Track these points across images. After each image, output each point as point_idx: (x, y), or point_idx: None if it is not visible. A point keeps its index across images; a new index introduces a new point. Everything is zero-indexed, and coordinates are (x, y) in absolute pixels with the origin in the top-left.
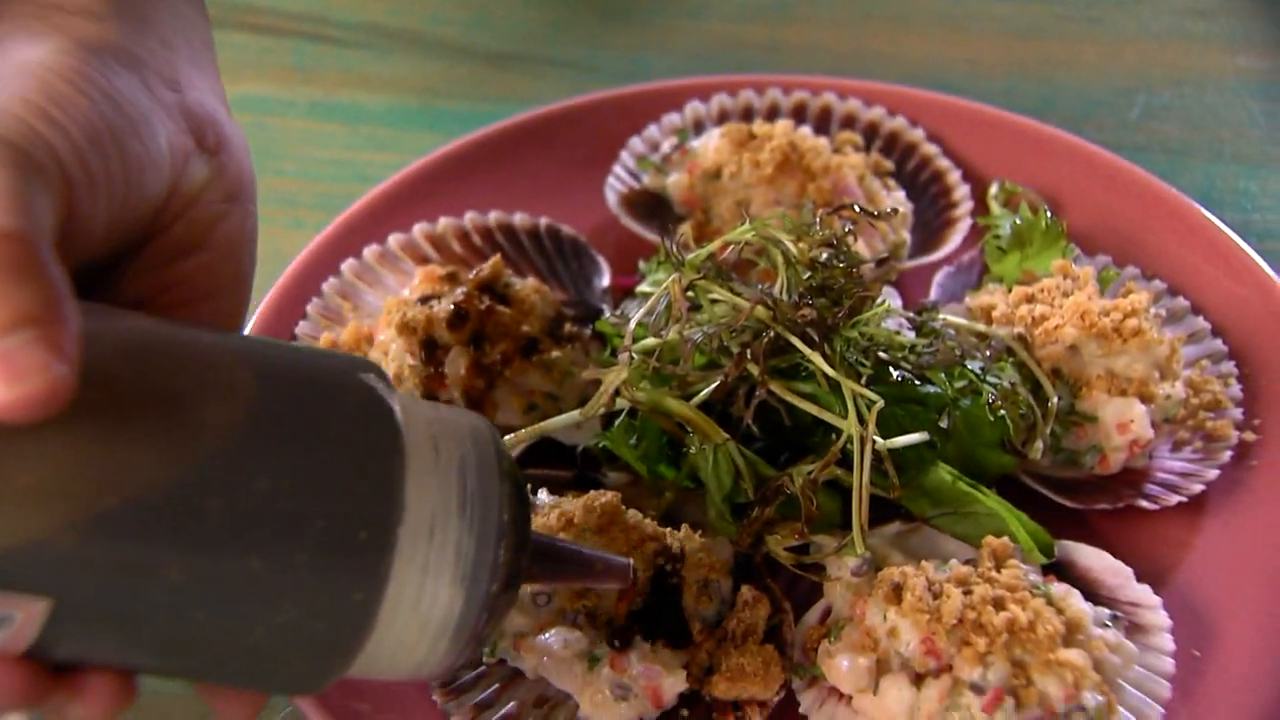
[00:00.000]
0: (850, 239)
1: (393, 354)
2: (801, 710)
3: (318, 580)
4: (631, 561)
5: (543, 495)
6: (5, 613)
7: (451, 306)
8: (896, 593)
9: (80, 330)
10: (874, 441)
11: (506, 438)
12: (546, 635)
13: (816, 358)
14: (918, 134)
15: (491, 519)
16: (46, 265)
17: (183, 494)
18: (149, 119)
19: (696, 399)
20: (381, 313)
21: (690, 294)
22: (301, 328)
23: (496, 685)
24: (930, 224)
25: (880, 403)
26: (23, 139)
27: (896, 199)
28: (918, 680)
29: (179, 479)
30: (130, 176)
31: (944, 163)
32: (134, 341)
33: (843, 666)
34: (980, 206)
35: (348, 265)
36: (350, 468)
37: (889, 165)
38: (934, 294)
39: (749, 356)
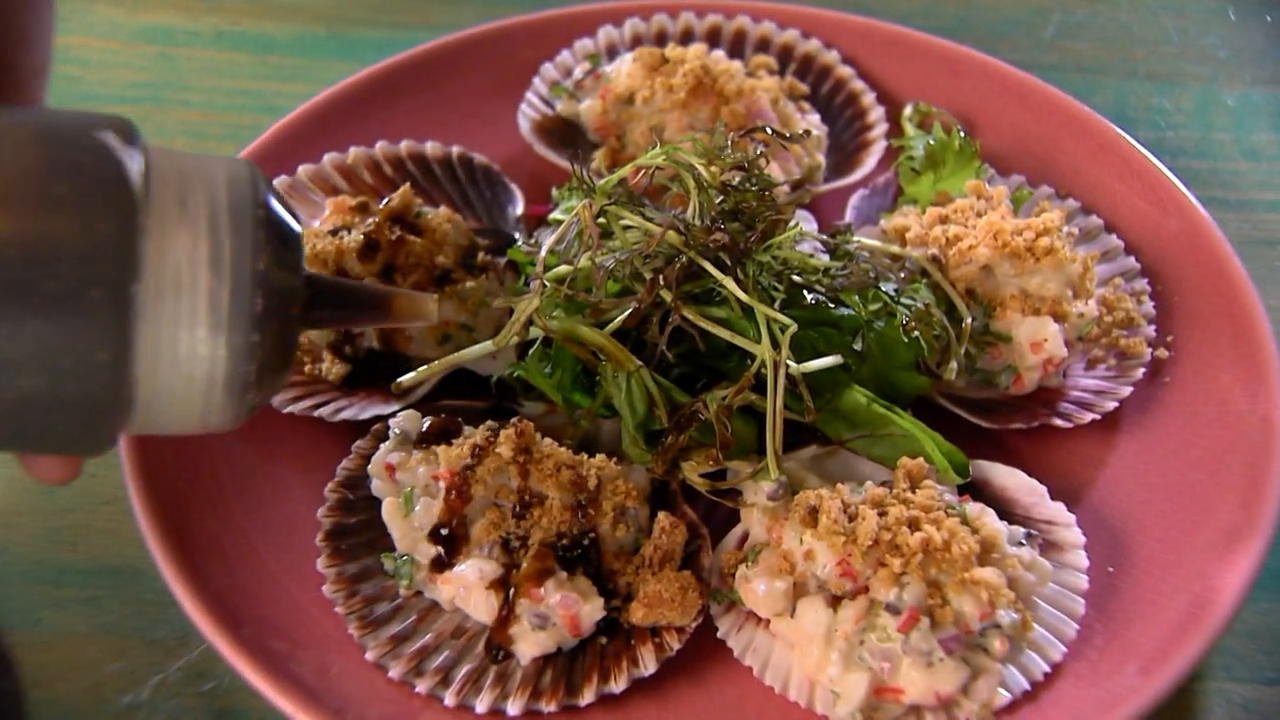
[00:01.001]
0: (763, 162)
1: None
2: (719, 635)
3: (56, 342)
4: (436, 296)
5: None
6: None
7: (362, 237)
8: (812, 516)
9: None
10: (787, 366)
11: (421, 369)
12: (461, 566)
13: (729, 282)
14: (832, 56)
15: (245, 267)
16: None
17: None
18: None
19: (610, 326)
20: None
21: (602, 220)
22: None
23: (414, 617)
24: (845, 147)
25: (794, 327)
26: None
27: (811, 122)
28: (834, 602)
29: None
30: None
31: (859, 85)
32: None
33: (759, 590)
34: (895, 128)
35: None
36: (76, 228)
37: (804, 89)
38: (849, 217)
39: (662, 282)
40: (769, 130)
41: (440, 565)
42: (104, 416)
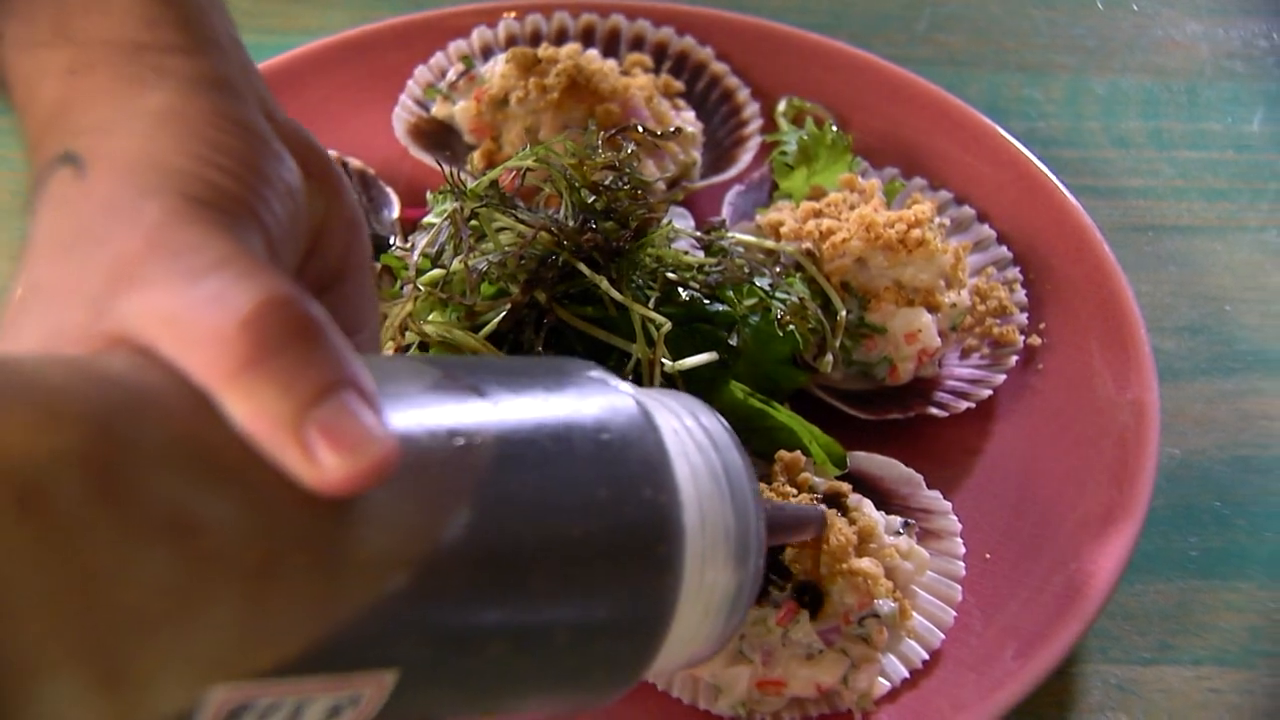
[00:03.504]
0: (635, 161)
1: None
2: None
3: (631, 603)
4: (824, 509)
5: None
6: (355, 691)
7: None
8: None
9: (375, 389)
10: (662, 364)
11: None
12: None
13: (602, 281)
14: (706, 52)
15: (742, 489)
16: (323, 325)
17: (501, 548)
18: (280, 151)
19: (485, 330)
20: None
21: (474, 223)
22: None
23: None
24: (721, 143)
25: (667, 325)
26: (216, 197)
27: (685, 119)
28: None
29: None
30: (290, 213)
31: (733, 81)
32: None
33: None
34: (770, 124)
35: None
36: (638, 481)
37: (679, 85)
38: (725, 213)
39: (536, 284)
40: (640, 128)
41: None
42: (640, 669)
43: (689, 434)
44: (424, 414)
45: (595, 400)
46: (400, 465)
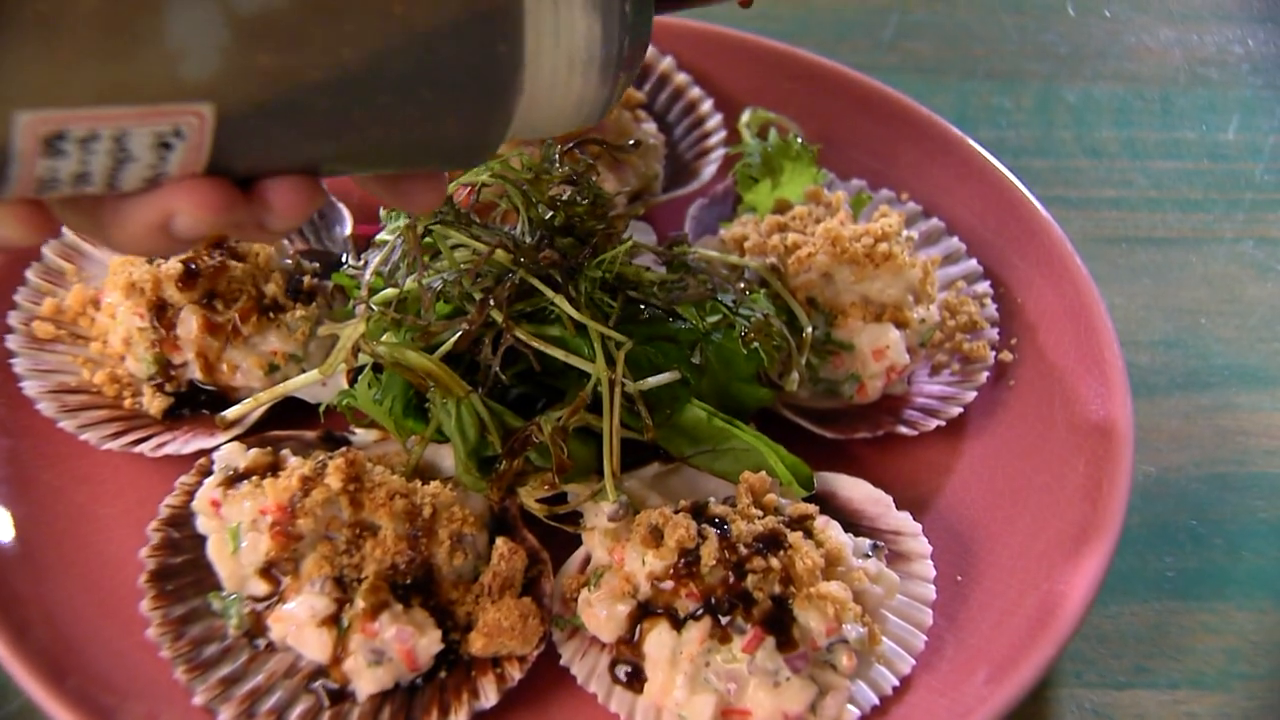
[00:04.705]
0: (594, 175)
1: (120, 317)
2: (562, 662)
3: (464, 32)
4: None
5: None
6: (176, 123)
7: (180, 264)
8: (654, 536)
9: None
10: (623, 384)
11: (246, 401)
12: (290, 603)
13: (560, 300)
14: (669, 63)
15: None
16: None
17: None
18: None
19: (441, 350)
20: (107, 274)
21: (428, 240)
22: (21, 295)
23: (244, 658)
24: (683, 155)
25: (629, 344)
26: None
27: (647, 131)
28: (679, 625)
29: None
30: None
31: (696, 92)
32: None
33: (601, 615)
34: (734, 135)
35: None
36: None
37: (640, 97)
38: (688, 227)
39: (492, 302)
40: (601, 141)
41: (270, 603)
42: (498, 108)
43: None
44: None
45: None
46: None
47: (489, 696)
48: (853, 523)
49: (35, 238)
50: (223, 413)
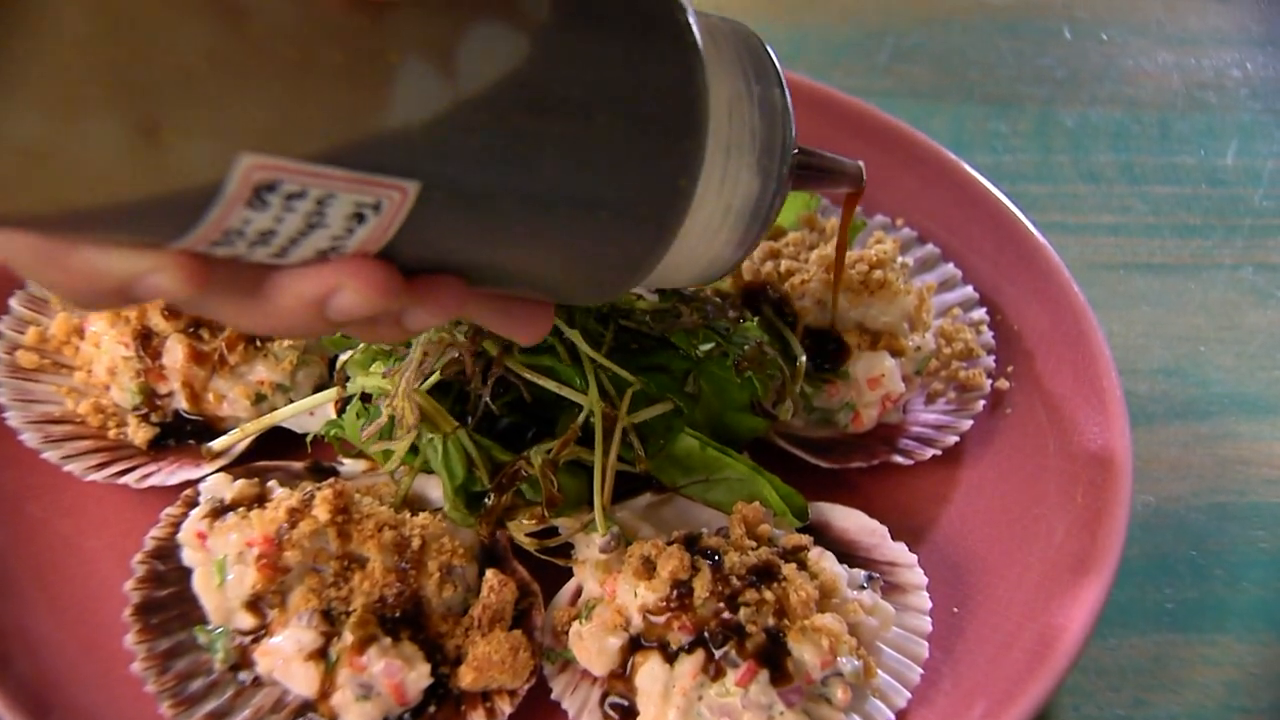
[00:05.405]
0: None
1: (105, 346)
2: (553, 696)
3: (653, 162)
4: (861, 163)
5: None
6: (378, 197)
7: None
8: (647, 567)
9: None
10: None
11: (233, 431)
12: (277, 637)
13: (559, 324)
14: None
15: (773, 100)
16: None
17: (534, 74)
18: None
19: (429, 381)
20: None
21: None
22: (5, 323)
23: (230, 692)
24: None
25: (636, 384)
26: None
27: None
28: (672, 658)
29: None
30: None
31: None
32: None
33: (593, 648)
34: None
35: None
36: (659, 52)
37: None
38: None
39: (483, 332)
40: None
41: (257, 636)
42: (658, 247)
43: (721, 38)
44: None
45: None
46: None
47: None
48: (848, 553)
49: (189, 295)
50: (209, 443)
